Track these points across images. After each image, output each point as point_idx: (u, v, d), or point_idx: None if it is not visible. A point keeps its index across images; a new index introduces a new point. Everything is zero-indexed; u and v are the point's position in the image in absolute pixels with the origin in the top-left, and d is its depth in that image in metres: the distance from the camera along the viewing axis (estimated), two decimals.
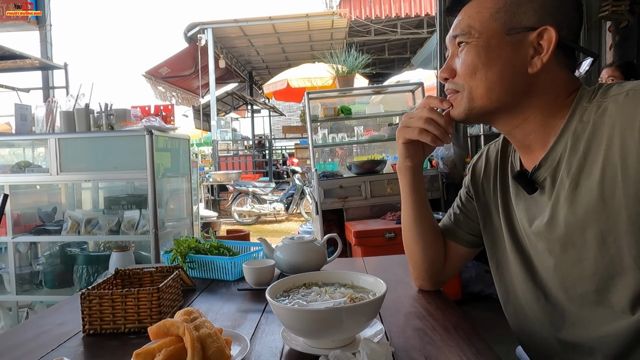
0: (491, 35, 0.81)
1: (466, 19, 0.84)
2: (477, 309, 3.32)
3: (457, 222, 1.07)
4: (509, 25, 0.80)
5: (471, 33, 0.82)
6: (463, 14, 0.85)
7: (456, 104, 0.87)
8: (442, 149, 3.90)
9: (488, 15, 0.81)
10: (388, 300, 1.03)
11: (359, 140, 4.15)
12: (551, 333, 0.86)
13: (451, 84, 0.87)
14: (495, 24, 0.80)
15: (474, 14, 0.83)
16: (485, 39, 0.81)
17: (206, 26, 9.64)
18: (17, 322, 3.02)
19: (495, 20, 0.80)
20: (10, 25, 5.05)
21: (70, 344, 0.93)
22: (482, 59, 0.81)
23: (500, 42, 0.80)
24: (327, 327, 0.79)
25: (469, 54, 0.83)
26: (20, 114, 3.00)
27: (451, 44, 0.88)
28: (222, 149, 11.55)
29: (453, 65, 0.86)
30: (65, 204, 3.35)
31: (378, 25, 10.64)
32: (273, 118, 15.77)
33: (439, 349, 0.81)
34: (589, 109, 0.78)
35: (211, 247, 1.42)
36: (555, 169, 0.81)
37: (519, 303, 0.93)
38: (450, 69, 0.87)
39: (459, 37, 0.84)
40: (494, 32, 0.81)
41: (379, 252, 3.00)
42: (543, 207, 0.84)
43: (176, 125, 3.15)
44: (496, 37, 0.81)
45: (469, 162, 1.08)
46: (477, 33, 0.82)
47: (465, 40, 0.83)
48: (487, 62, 0.81)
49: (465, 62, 0.83)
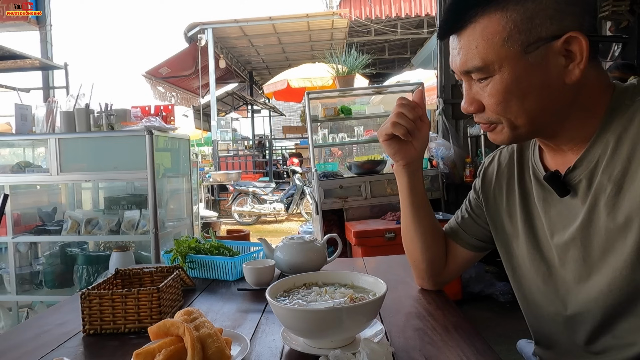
0: (514, 64, 0.72)
1: (475, 51, 0.74)
2: (477, 309, 3.32)
3: (464, 226, 1.05)
4: (527, 43, 0.71)
5: (489, 68, 0.74)
6: (467, 44, 0.75)
7: (497, 132, 0.80)
8: (442, 148, 3.90)
9: (500, 42, 0.72)
10: (388, 300, 1.03)
11: (359, 140, 4.15)
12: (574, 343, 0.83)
13: (482, 118, 0.80)
14: (512, 49, 0.72)
15: (482, 43, 0.73)
16: (509, 70, 0.73)
17: (206, 26, 9.63)
18: (17, 322, 3.02)
19: (511, 45, 0.72)
20: (10, 25, 5.05)
21: (70, 344, 0.93)
22: (514, 92, 0.73)
23: (527, 67, 0.72)
24: (327, 327, 0.79)
25: (496, 90, 0.75)
26: (20, 114, 3.00)
27: (463, 76, 0.79)
28: (222, 149, 11.55)
29: (476, 97, 0.78)
30: (65, 204, 3.35)
31: (378, 25, 10.64)
32: (273, 118, 15.76)
33: (439, 349, 0.81)
34: (631, 108, 0.73)
35: (211, 247, 1.42)
36: (593, 172, 0.76)
37: (540, 312, 0.89)
38: (475, 103, 0.79)
39: (475, 73, 0.76)
40: (515, 59, 0.72)
41: (379, 252, 3.00)
42: (576, 211, 0.79)
43: (176, 125, 3.15)
44: (520, 63, 0.72)
45: (480, 167, 1.03)
46: (496, 65, 0.73)
47: (484, 77, 0.75)
48: (519, 94, 0.73)
49: (495, 98, 0.75)
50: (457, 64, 0.78)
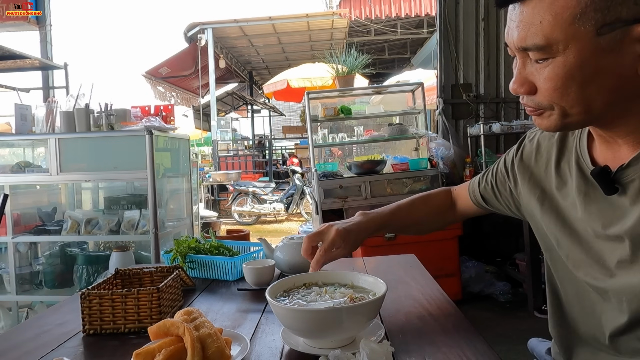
0: (582, 46, 0.63)
1: (539, 27, 0.65)
2: (477, 309, 3.32)
3: (486, 199, 1.05)
4: (602, 23, 0.62)
5: (553, 47, 0.64)
6: (531, 17, 0.65)
7: (543, 117, 0.72)
8: (442, 148, 3.89)
9: (571, 19, 0.62)
10: (388, 300, 1.03)
11: (359, 140, 4.14)
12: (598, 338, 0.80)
13: (532, 101, 0.72)
14: (583, 29, 0.62)
15: (549, 18, 0.64)
16: (575, 52, 0.64)
17: (206, 26, 9.63)
18: (17, 322, 3.02)
19: (583, 24, 0.62)
20: (10, 25, 5.05)
21: (70, 344, 0.93)
22: (576, 78, 0.65)
23: (596, 51, 0.63)
24: (327, 327, 0.79)
25: (556, 73, 0.66)
26: (20, 114, 3.00)
27: (518, 53, 0.70)
28: (222, 149, 11.55)
29: (530, 78, 0.70)
30: (65, 204, 3.35)
31: (378, 25, 10.64)
32: (273, 118, 15.76)
33: (439, 349, 0.81)
34: None
35: (211, 247, 1.42)
36: None
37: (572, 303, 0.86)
38: (527, 85, 0.70)
39: (535, 52, 0.67)
40: (585, 40, 0.63)
41: (379, 252, 3.00)
42: (624, 211, 0.72)
43: (176, 125, 3.15)
44: (589, 45, 0.63)
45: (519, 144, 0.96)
46: (561, 46, 0.64)
47: (545, 57, 0.66)
48: (582, 81, 0.65)
49: (552, 82, 0.67)
50: (515, 38, 0.69)
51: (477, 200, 1.08)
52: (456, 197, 1.16)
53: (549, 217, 0.86)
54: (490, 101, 4.24)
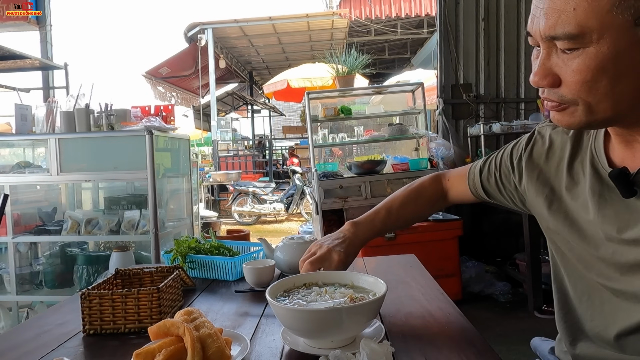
0: (618, 36, 0.59)
1: (572, 14, 0.60)
2: (477, 309, 3.32)
3: (488, 193, 1.02)
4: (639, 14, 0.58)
5: (586, 36, 0.60)
6: (563, 3, 0.61)
7: (566, 114, 0.68)
8: (442, 148, 3.90)
9: (609, 6, 0.58)
10: (388, 300, 1.03)
11: (359, 140, 4.14)
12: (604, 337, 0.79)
13: (555, 95, 0.67)
14: (621, 18, 0.58)
15: (584, 5, 0.59)
16: (610, 42, 0.59)
17: (206, 26, 9.63)
18: (17, 322, 3.02)
19: (622, 12, 0.58)
20: (10, 25, 5.05)
21: (71, 344, 0.93)
22: (608, 71, 0.61)
23: (633, 42, 0.59)
24: (327, 327, 0.79)
25: (586, 65, 0.62)
26: (20, 114, 3.00)
27: (544, 42, 0.66)
28: (222, 149, 11.55)
29: (554, 70, 0.66)
30: (65, 204, 3.35)
31: (378, 26, 10.64)
32: (273, 118, 15.77)
33: (439, 349, 0.81)
34: None
35: (211, 247, 1.42)
36: None
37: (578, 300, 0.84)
38: (551, 77, 0.66)
39: (565, 41, 0.62)
40: (621, 30, 0.59)
41: (379, 252, 3.00)
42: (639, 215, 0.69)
43: (176, 125, 3.15)
44: (625, 36, 0.59)
45: (529, 138, 0.92)
46: (595, 35, 0.60)
47: (575, 47, 0.62)
48: (615, 73, 0.61)
49: (581, 76, 0.63)
50: (542, 27, 0.64)
51: (478, 192, 1.04)
52: (449, 186, 1.13)
53: (557, 217, 0.83)
54: (491, 101, 4.24)
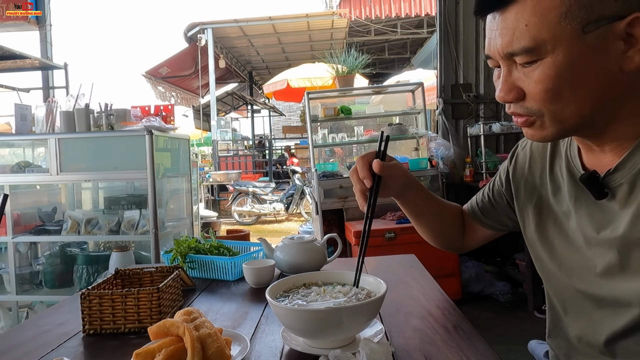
0: (571, 44, 0.63)
1: (524, 30, 0.65)
2: (477, 309, 3.32)
3: (484, 210, 1.02)
4: (587, 21, 0.62)
5: (541, 48, 0.64)
6: (515, 22, 0.66)
7: (536, 128, 0.72)
8: (442, 148, 3.90)
9: (557, 18, 0.63)
10: (388, 300, 1.03)
11: (359, 140, 4.15)
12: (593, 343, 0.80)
13: (521, 108, 0.71)
14: (570, 27, 0.63)
15: (534, 20, 0.64)
16: (564, 51, 0.64)
17: (206, 26, 9.63)
18: (17, 322, 3.02)
19: (570, 22, 0.63)
20: (10, 25, 5.06)
21: (70, 344, 0.93)
22: (567, 78, 0.65)
23: (584, 49, 0.63)
24: (327, 327, 0.79)
25: (546, 74, 0.65)
26: (20, 114, 3.00)
27: (503, 60, 0.70)
28: (222, 149, 11.55)
29: (518, 84, 0.69)
30: (65, 204, 3.35)
31: (378, 25, 10.64)
32: (273, 118, 15.77)
33: (439, 349, 0.81)
34: None
35: (211, 247, 1.42)
36: (637, 176, 0.70)
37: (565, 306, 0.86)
38: (515, 91, 0.70)
39: (522, 56, 0.66)
40: (572, 39, 0.63)
41: (379, 252, 2.99)
42: (613, 216, 0.73)
43: (176, 125, 3.15)
44: (577, 43, 0.63)
45: (512, 153, 0.97)
46: (549, 46, 0.64)
47: (533, 60, 0.66)
48: (573, 79, 0.65)
49: (543, 85, 0.66)
50: (499, 46, 0.68)
51: (475, 214, 1.04)
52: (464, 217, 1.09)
53: (546, 224, 0.86)
54: (490, 101, 4.23)
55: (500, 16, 0.68)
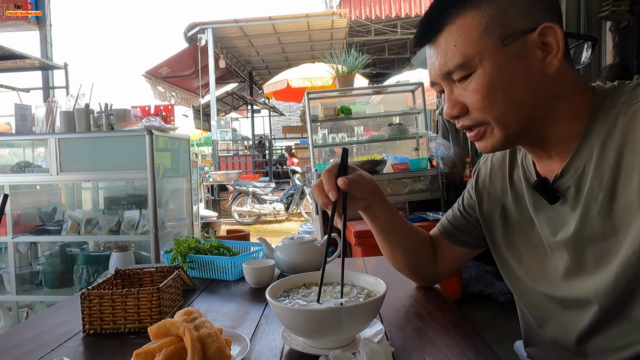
0: (494, 55, 0.72)
1: (454, 50, 0.74)
2: (477, 309, 3.32)
3: (457, 225, 1.04)
4: (504, 36, 0.72)
5: (471, 62, 0.73)
6: (446, 45, 0.75)
7: (487, 137, 0.78)
8: (442, 148, 3.90)
9: (478, 36, 0.72)
10: (388, 300, 1.03)
11: (359, 140, 4.15)
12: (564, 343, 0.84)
13: (468, 120, 0.78)
14: (490, 41, 0.72)
15: (460, 40, 0.73)
16: (490, 62, 0.72)
17: (206, 26, 9.64)
18: (17, 322, 3.02)
19: (489, 37, 0.72)
20: (10, 25, 5.06)
21: (70, 344, 0.93)
22: (498, 84, 0.73)
23: (507, 58, 0.72)
24: (327, 327, 0.79)
25: (480, 84, 0.73)
26: (20, 114, 3.00)
27: (444, 81, 0.78)
28: (222, 149, 11.56)
29: (459, 99, 0.77)
30: (65, 204, 3.35)
31: (378, 25, 10.65)
32: (273, 118, 15.77)
33: (439, 349, 0.81)
34: (613, 111, 0.72)
35: (211, 247, 1.42)
36: (581, 178, 0.75)
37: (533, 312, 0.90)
38: (459, 105, 0.77)
39: (457, 72, 0.75)
40: (495, 50, 0.72)
41: (379, 252, 2.98)
42: (566, 217, 0.78)
43: (176, 125, 3.15)
44: (500, 55, 0.72)
45: (474, 168, 1.04)
46: (477, 59, 0.73)
47: (466, 74, 0.74)
48: (504, 85, 0.73)
49: (479, 94, 0.74)
50: (437, 69, 0.77)
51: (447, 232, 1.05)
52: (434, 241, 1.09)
53: (512, 232, 0.91)
54: None
55: (434, 45, 0.77)
